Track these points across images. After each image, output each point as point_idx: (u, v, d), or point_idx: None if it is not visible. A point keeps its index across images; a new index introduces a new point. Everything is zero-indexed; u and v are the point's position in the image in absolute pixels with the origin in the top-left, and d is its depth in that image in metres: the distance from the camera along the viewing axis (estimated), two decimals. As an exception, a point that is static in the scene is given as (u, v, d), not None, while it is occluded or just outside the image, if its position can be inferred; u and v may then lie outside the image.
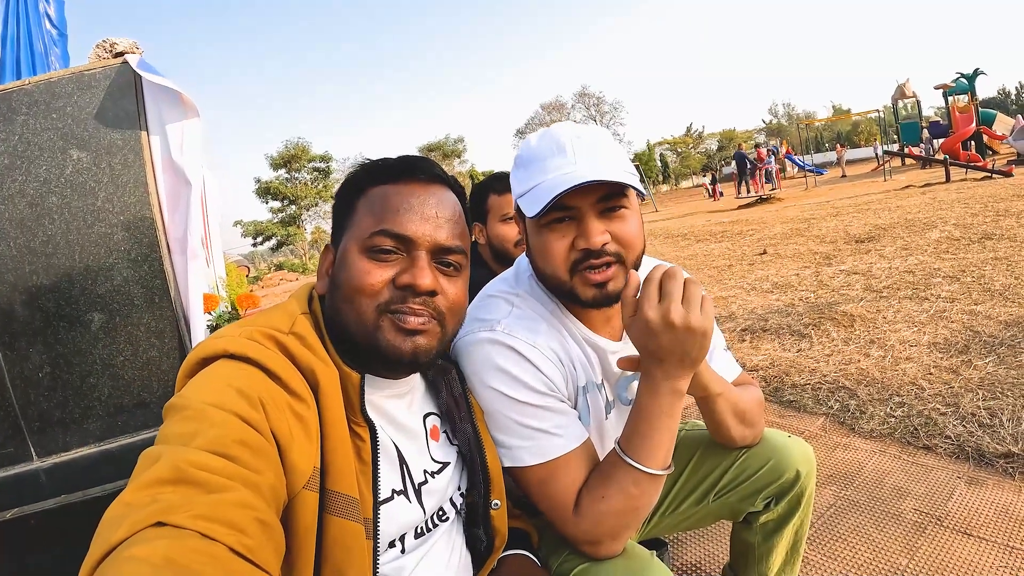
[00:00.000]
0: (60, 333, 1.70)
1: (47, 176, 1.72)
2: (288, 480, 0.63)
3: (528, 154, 0.95)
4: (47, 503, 1.37)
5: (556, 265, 0.93)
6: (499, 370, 0.91)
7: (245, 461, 0.57)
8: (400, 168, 0.81)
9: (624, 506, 0.85)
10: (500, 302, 1.01)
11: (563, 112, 50.51)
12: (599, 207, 0.91)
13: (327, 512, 0.67)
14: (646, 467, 0.84)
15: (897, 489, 1.91)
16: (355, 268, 0.76)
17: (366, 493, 0.72)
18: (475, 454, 0.88)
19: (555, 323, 0.99)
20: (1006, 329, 3.00)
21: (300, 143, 41.97)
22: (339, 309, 0.77)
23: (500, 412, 0.91)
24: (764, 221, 10.33)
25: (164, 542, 0.47)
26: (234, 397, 0.61)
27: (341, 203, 0.84)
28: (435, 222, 0.78)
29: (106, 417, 1.72)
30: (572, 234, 0.92)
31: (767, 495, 1.15)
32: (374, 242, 0.76)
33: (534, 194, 0.91)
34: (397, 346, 0.75)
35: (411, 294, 0.75)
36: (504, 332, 0.94)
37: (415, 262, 0.76)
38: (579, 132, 0.94)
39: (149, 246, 1.77)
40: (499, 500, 0.89)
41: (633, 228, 0.93)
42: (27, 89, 1.73)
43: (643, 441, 0.85)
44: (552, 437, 0.90)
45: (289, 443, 0.63)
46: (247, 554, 0.51)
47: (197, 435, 0.57)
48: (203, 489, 0.52)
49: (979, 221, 6.16)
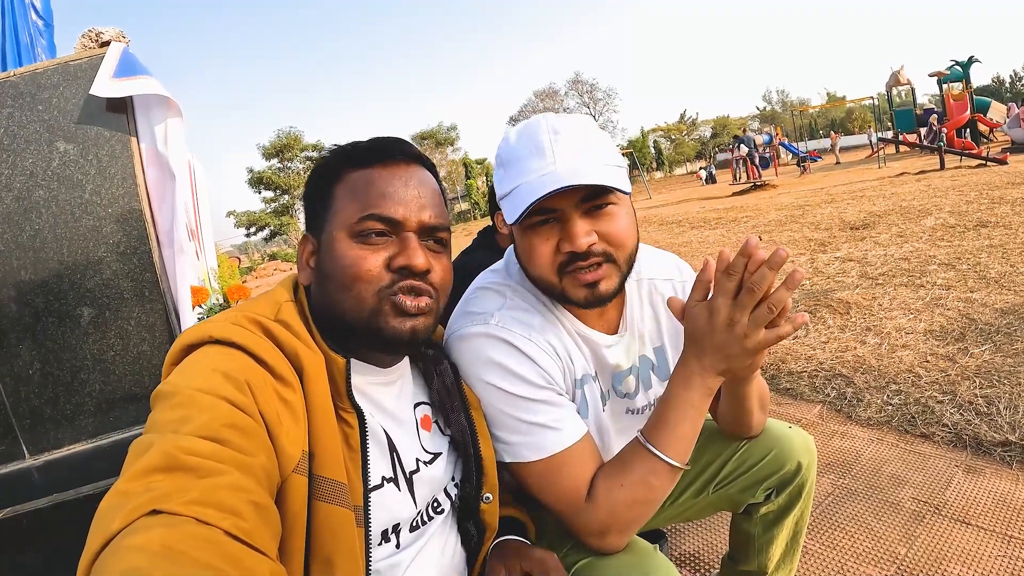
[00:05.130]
0: (50, 329, 1.67)
1: (33, 169, 1.68)
2: (278, 463, 0.62)
3: (507, 153, 0.92)
4: (39, 502, 1.35)
5: (543, 267, 0.90)
6: (494, 364, 0.89)
7: (236, 444, 0.57)
8: (377, 151, 0.80)
9: (641, 496, 0.84)
10: (492, 294, 0.99)
11: (556, 99, 50.22)
12: (584, 207, 0.87)
13: (315, 498, 0.66)
14: (668, 457, 0.83)
15: (895, 477, 1.91)
16: (348, 255, 0.75)
17: (355, 479, 0.72)
18: (469, 445, 0.87)
19: (548, 315, 0.97)
20: (1002, 317, 3.01)
21: (292, 132, 41.64)
22: (334, 299, 0.76)
23: (496, 407, 0.89)
24: (758, 208, 10.33)
25: (161, 530, 0.47)
26: (221, 381, 0.61)
27: (316, 190, 0.82)
28: (419, 202, 0.79)
29: (98, 413, 1.69)
30: (556, 236, 0.88)
31: (768, 486, 1.14)
32: (363, 227, 0.75)
33: (514, 197, 0.87)
34: (397, 327, 0.75)
35: (408, 275, 0.76)
36: (498, 325, 0.92)
37: (406, 243, 0.77)
38: (557, 127, 0.88)
39: (138, 239, 1.74)
40: (491, 494, 0.87)
41: (621, 226, 0.89)
42: (12, 81, 1.69)
43: (669, 432, 0.84)
44: (551, 431, 0.88)
45: (277, 426, 0.63)
46: (244, 537, 0.51)
47: (187, 421, 0.57)
48: (196, 474, 0.52)
49: (974, 209, 6.17)
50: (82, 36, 1.88)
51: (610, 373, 1.04)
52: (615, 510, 0.84)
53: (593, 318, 1.00)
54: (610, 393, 1.05)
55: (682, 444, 0.84)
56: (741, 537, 1.25)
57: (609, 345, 1.01)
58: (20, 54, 2.60)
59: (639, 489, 0.83)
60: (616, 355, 1.02)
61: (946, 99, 19.19)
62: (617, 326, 1.03)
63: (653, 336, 1.08)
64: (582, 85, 50.34)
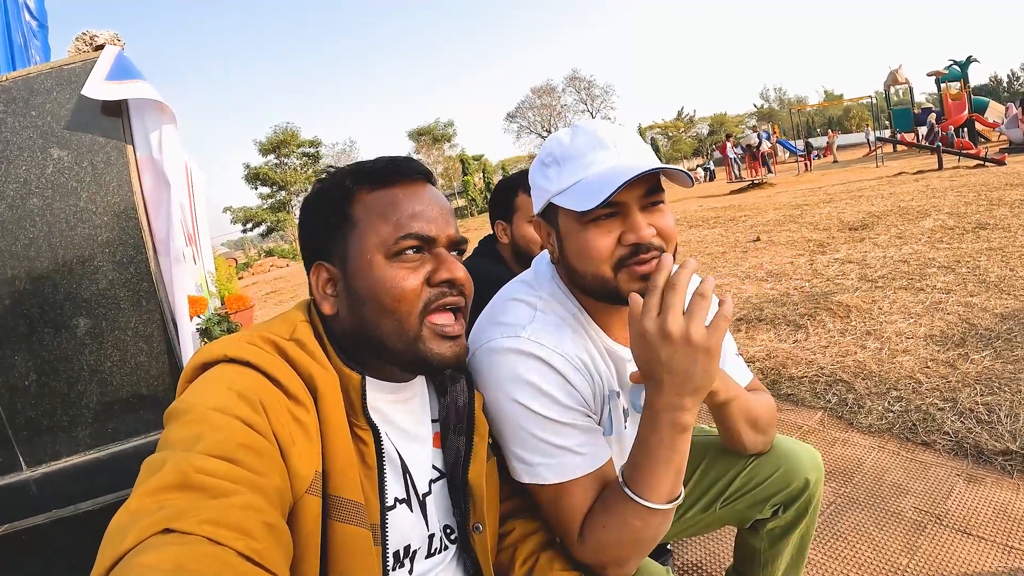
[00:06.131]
0: (45, 339, 1.64)
1: (27, 176, 1.65)
2: (291, 484, 0.62)
3: (562, 151, 0.92)
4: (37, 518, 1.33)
5: (600, 262, 0.88)
6: (526, 383, 0.87)
7: (249, 464, 0.57)
8: (391, 170, 0.80)
9: (626, 537, 0.83)
10: (522, 306, 0.97)
11: (554, 96, 50.22)
12: (643, 201, 0.88)
13: (331, 519, 0.66)
14: (647, 501, 0.81)
15: (896, 486, 1.91)
16: (388, 276, 0.75)
17: (372, 498, 0.71)
18: (460, 468, 0.85)
19: (579, 329, 0.96)
20: (1002, 322, 3.01)
21: (289, 128, 41.58)
22: (372, 323, 0.75)
23: (523, 427, 0.88)
24: (757, 207, 10.33)
25: (173, 548, 0.47)
26: (235, 400, 0.61)
27: (326, 213, 0.79)
28: (444, 218, 0.80)
29: (95, 424, 1.67)
30: (618, 229, 0.88)
31: (775, 503, 1.14)
32: (401, 246, 0.75)
33: (580, 189, 0.87)
34: (441, 353, 0.76)
35: (447, 288, 0.77)
36: (530, 340, 0.90)
37: (442, 259, 0.78)
38: (613, 126, 0.92)
39: (135, 247, 1.71)
40: (481, 524, 0.84)
41: (671, 222, 0.91)
42: (5, 85, 1.66)
43: (643, 475, 0.81)
44: (575, 456, 0.87)
45: (290, 447, 0.63)
46: (256, 558, 0.51)
47: (200, 439, 0.57)
48: (209, 494, 0.53)
49: (973, 210, 6.18)
50: (76, 39, 1.85)
51: (629, 389, 1.03)
52: (603, 549, 0.84)
53: (618, 331, 0.99)
54: (629, 411, 1.04)
55: (661, 485, 0.81)
56: (747, 551, 1.25)
57: (631, 359, 1.00)
58: (13, 55, 2.56)
59: (623, 531, 0.83)
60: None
61: (944, 98, 19.23)
62: None
63: None
64: (579, 82, 50.38)
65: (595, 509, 0.86)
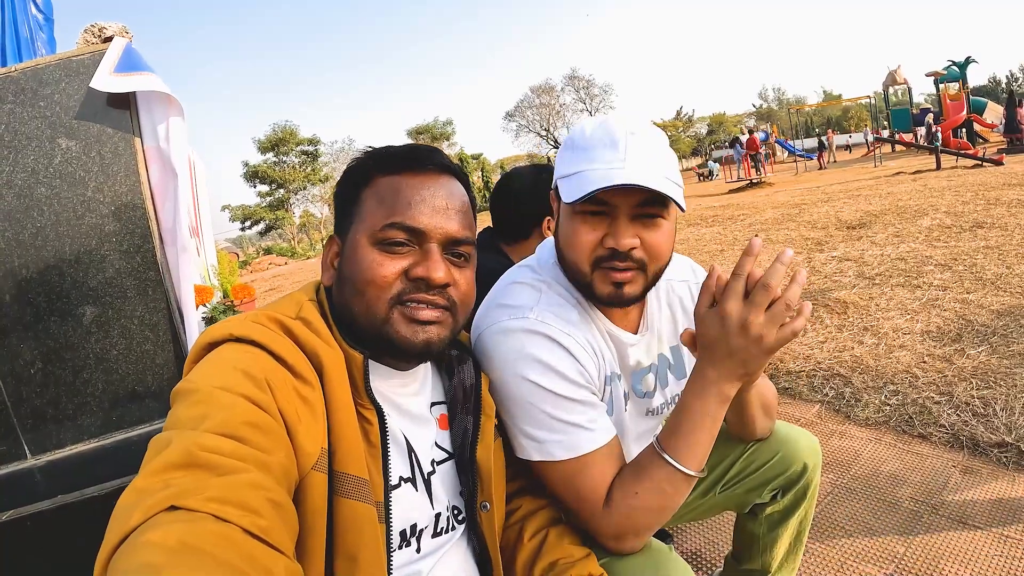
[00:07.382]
0: (52, 327, 1.66)
1: (35, 166, 1.67)
2: (297, 461, 0.62)
3: (581, 139, 0.93)
4: (42, 504, 1.34)
5: (580, 255, 0.91)
6: (535, 360, 0.88)
7: (255, 442, 0.57)
8: (409, 158, 0.79)
9: (656, 503, 0.84)
10: (526, 288, 0.98)
11: (552, 95, 50.16)
12: (636, 211, 0.88)
13: (337, 495, 0.66)
14: (683, 466, 0.83)
15: (893, 477, 1.93)
16: (366, 260, 0.75)
17: (376, 475, 0.72)
18: (467, 448, 0.85)
19: (583, 312, 0.98)
20: (998, 318, 3.03)
21: (288, 126, 41.50)
22: (348, 302, 0.76)
23: (533, 404, 0.89)
24: (755, 206, 10.35)
25: (179, 526, 0.47)
26: (241, 379, 0.62)
27: (346, 192, 0.81)
28: (446, 214, 0.78)
29: (101, 412, 1.68)
30: (603, 230, 0.89)
31: (774, 487, 1.15)
32: (386, 235, 0.75)
33: (576, 180, 0.88)
34: (408, 337, 0.75)
35: (424, 286, 0.75)
36: (538, 320, 0.91)
37: (428, 255, 0.76)
38: (635, 129, 0.90)
39: (141, 236, 1.73)
40: (489, 502, 0.85)
41: (664, 240, 0.91)
42: (13, 76, 1.67)
43: (684, 440, 0.84)
44: (585, 431, 0.88)
45: (296, 424, 0.63)
46: (261, 535, 0.51)
47: (206, 418, 0.57)
48: (215, 472, 0.53)
49: (970, 209, 6.21)
50: (84, 31, 1.86)
51: (631, 372, 1.04)
52: (631, 516, 0.85)
53: (618, 316, 1.01)
54: (630, 393, 1.06)
55: (698, 453, 0.84)
56: (745, 536, 1.26)
57: (632, 344, 1.02)
58: (20, 48, 2.57)
59: (654, 497, 0.84)
60: (637, 354, 1.03)
61: (943, 99, 19.27)
62: (638, 326, 1.05)
63: (670, 336, 1.09)
64: (578, 81, 50.30)
65: (625, 477, 0.87)
